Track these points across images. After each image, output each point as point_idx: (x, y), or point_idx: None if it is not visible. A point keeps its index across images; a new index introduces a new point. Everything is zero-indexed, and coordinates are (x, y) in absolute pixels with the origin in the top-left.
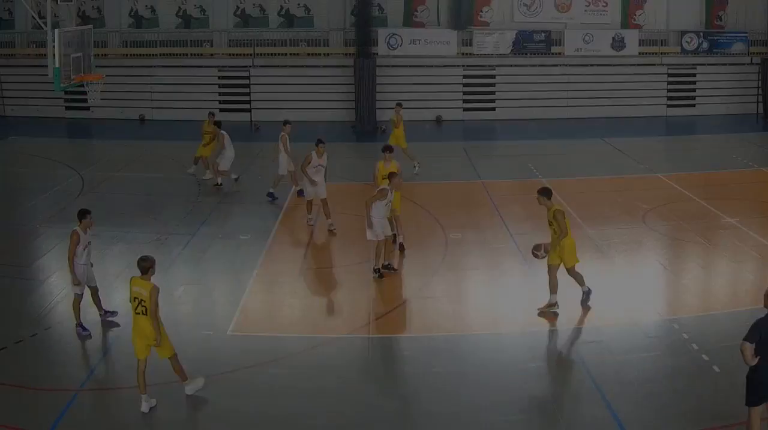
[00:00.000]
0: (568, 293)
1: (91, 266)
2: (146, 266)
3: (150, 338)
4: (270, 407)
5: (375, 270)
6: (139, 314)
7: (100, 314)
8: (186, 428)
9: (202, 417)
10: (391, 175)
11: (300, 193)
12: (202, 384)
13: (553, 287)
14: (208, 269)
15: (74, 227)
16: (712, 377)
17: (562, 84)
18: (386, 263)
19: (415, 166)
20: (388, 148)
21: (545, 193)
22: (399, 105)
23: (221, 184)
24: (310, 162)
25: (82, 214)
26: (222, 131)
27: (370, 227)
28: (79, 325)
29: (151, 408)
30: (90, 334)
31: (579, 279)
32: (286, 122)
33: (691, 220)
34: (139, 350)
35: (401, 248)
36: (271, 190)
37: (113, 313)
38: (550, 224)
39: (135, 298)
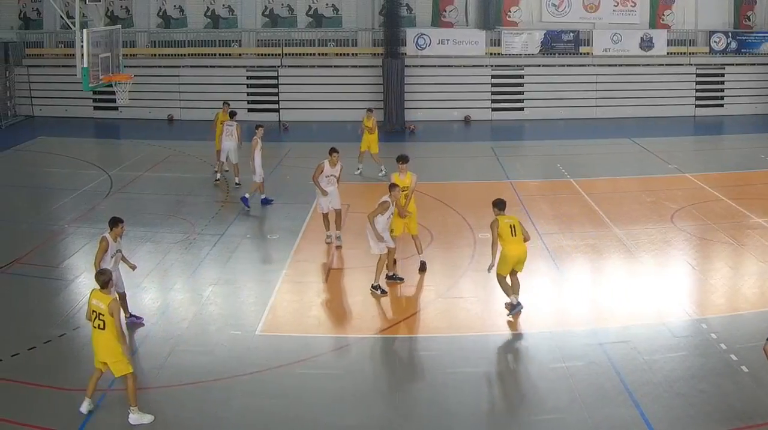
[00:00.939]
0: (595, 293)
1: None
2: (105, 280)
3: (106, 354)
4: (297, 407)
5: (374, 287)
6: (96, 328)
7: (126, 317)
8: (213, 428)
9: (230, 417)
10: (391, 187)
11: (264, 201)
12: (148, 421)
13: (508, 290)
14: (237, 269)
15: (105, 233)
16: (740, 377)
17: (590, 84)
18: (391, 274)
19: (381, 170)
20: (402, 159)
21: (498, 204)
22: (370, 110)
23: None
24: (322, 171)
25: (114, 222)
26: (231, 123)
27: (375, 241)
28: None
29: (89, 411)
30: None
31: (506, 288)
32: (258, 126)
33: (720, 220)
34: (98, 361)
35: (423, 267)
36: (246, 196)
37: (139, 318)
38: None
39: (93, 311)
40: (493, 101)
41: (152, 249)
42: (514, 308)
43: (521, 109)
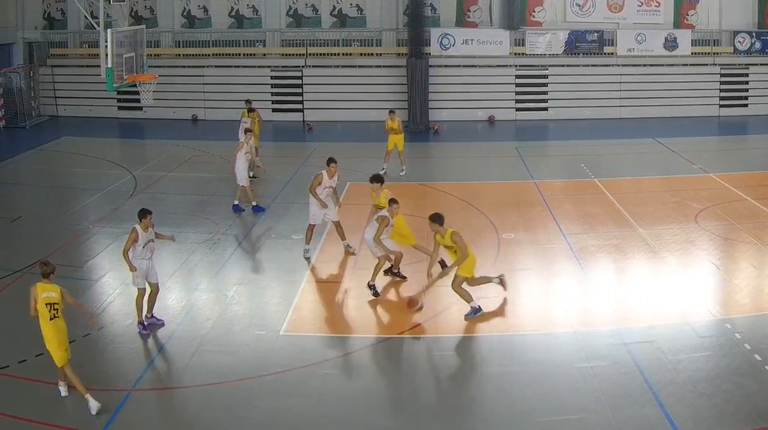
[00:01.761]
0: (619, 293)
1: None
2: (49, 270)
3: (65, 340)
4: (321, 407)
5: (370, 286)
6: (55, 318)
7: (147, 316)
8: (238, 428)
9: (254, 417)
10: (390, 202)
11: (236, 207)
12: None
13: (467, 297)
14: (261, 269)
15: (135, 224)
16: (764, 377)
17: (614, 84)
18: (395, 270)
19: (402, 170)
20: (376, 178)
21: (437, 219)
22: (393, 112)
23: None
24: (320, 183)
25: (143, 213)
26: (245, 120)
27: (375, 246)
28: (141, 322)
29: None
30: (149, 334)
31: (464, 296)
32: (247, 131)
33: (744, 220)
34: (59, 358)
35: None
36: (236, 203)
37: (159, 320)
38: (448, 249)
39: (47, 304)
40: (518, 101)
41: (177, 249)
42: (476, 313)
43: (545, 109)
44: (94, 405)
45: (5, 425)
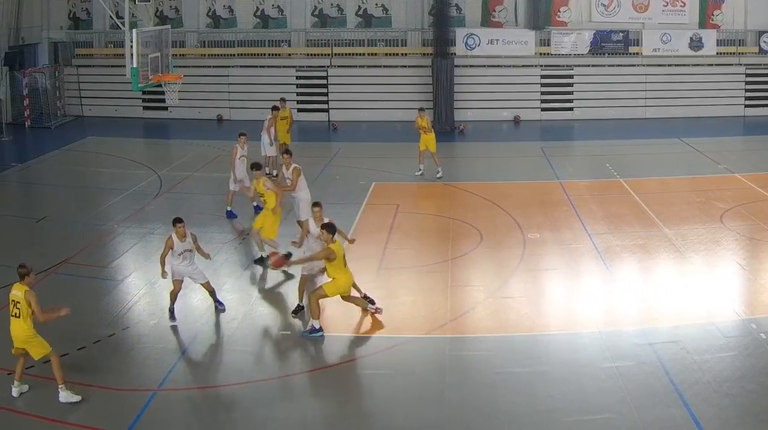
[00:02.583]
0: (644, 293)
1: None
2: (23, 272)
3: (22, 341)
4: (347, 407)
5: (297, 308)
6: (12, 316)
7: (216, 305)
8: (264, 427)
9: (280, 417)
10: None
11: (230, 214)
12: (76, 400)
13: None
14: (286, 269)
15: (171, 233)
16: None
17: (639, 84)
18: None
19: (438, 172)
20: (255, 166)
21: (329, 229)
22: (422, 110)
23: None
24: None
25: (173, 222)
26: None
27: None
28: (170, 310)
29: (22, 393)
30: (176, 325)
31: (314, 310)
32: (241, 134)
33: None
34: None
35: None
36: (228, 208)
37: (221, 304)
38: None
39: (12, 301)
40: (543, 101)
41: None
42: (315, 332)
43: (571, 109)
44: (15, 391)
45: (30, 425)
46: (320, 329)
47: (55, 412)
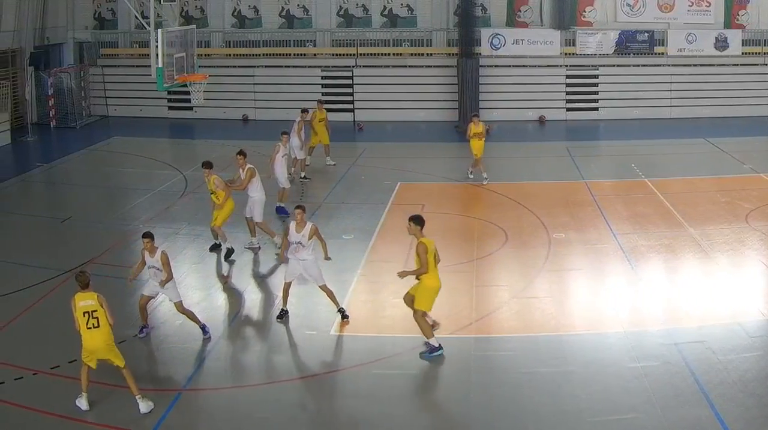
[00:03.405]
0: (669, 293)
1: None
2: (86, 280)
3: (107, 351)
4: (372, 407)
5: (281, 313)
6: (89, 328)
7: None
8: (288, 428)
9: (304, 417)
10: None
11: (279, 210)
12: (151, 407)
13: (428, 330)
14: None
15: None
16: None
17: (665, 84)
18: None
19: (485, 178)
20: (206, 164)
21: (417, 221)
22: (476, 115)
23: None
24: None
25: (142, 236)
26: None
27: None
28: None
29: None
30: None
31: (426, 329)
32: (283, 133)
33: None
34: (83, 359)
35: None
36: (280, 205)
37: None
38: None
39: (85, 313)
40: (568, 101)
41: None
42: (435, 352)
43: (596, 109)
44: (83, 403)
45: (55, 425)
46: (439, 347)
47: (81, 411)
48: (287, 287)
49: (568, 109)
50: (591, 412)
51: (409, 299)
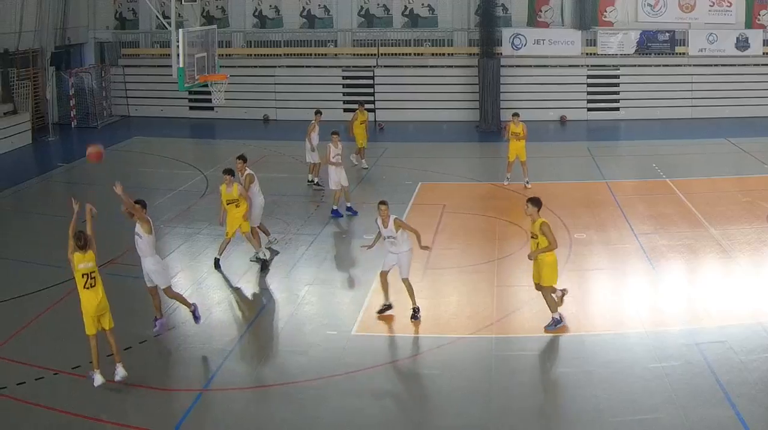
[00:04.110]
0: (690, 293)
1: None
2: (84, 240)
3: (104, 308)
4: (393, 407)
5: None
6: (88, 288)
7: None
8: (311, 428)
9: (325, 417)
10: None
11: (349, 210)
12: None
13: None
14: (332, 269)
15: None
16: None
17: (686, 84)
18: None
19: (527, 183)
20: (228, 171)
21: (536, 203)
22: (517, 115)
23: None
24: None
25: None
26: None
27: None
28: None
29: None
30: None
31: (552, 303)
32: (334, 133)
33: None
34: (87, 326)
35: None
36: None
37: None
38: (533, 238)
39: (83, 274)
40: (589, 101)
41: (248, 249)
42: (558, 323)
43: (617, 109)
44: (98, 379)
45: (77, 425)
46: (561, 319)
47: (102, 411)
48: (384, 278)
49: (589, 109)
50: (612, 412)
51: (536, 280)
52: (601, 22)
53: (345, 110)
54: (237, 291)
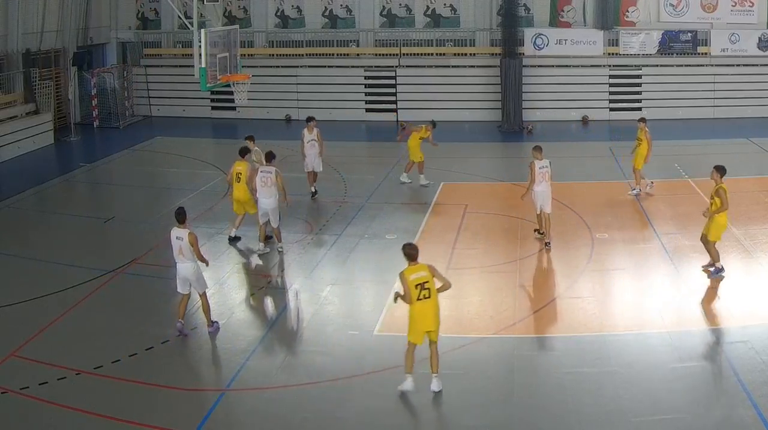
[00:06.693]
0: (713, 293)
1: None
2: (413, 251)
3: (434, 321)
4: (416, 407)
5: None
6: (423, 299)
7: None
8: (333, 428)
9: (348, 417)
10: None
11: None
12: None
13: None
14: (354, 269)
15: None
16: None
17: (708, 84)
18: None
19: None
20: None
21: (720, 170)
22: (643, 120)
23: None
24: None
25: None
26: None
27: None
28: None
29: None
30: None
31: (714, 254)
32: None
33: None
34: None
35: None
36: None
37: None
38: (711, 198)
39: (416, 285)
40: (611, 101)
41: (270, 249)
42: (720, 271)
43: (639, 109)
44: (409, 384)
45: (99, 425)
46: (722, 268)
47: (124, 412)
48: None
49: (612, 109)
50: (634, 412)
51: (704, 236)
52: (623, 22)
53: (367, 110)
54: (259, 291)
